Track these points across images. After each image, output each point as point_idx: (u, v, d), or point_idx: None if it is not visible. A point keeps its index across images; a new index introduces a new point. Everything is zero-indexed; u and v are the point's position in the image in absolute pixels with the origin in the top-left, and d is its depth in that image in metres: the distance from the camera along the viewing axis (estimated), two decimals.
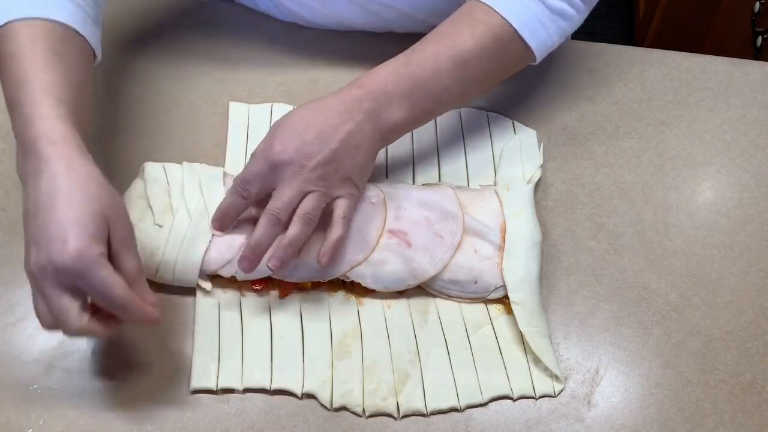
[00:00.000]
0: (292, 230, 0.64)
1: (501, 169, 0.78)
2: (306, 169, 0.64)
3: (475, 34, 0.71)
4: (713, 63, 0.91)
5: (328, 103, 0.67)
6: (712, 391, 0.66)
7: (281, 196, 0.64)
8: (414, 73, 0.69)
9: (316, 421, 0.63)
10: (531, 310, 0.68)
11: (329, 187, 0.65)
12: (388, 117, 0.69)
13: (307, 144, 0.65)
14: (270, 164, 0.65)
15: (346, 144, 0.66)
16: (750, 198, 0.79)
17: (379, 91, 0.68)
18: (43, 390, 0.63)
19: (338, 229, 0.65)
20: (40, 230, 0.55)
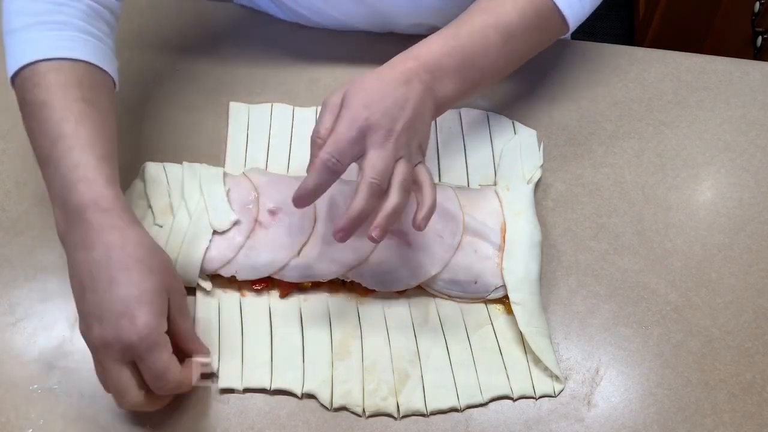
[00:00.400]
0: (394, 199, 0.62)
1: (501, 169, 0.78)
2: (395, 134, 0.63)
3: (518, 6, 0.71)
4: (713, 63, 0.91)
5: (389, 74, 0.66)
6: (712, 391, 0.66)
7: (378, 164, 0.62)
8: (465, 45, 0.69)
9: (316, 421, 0.63)
10: (531, 310, 0.68)
11: (411, 153, 0.64)
12: (442, 90, 0.68)
13: (389, 108, 0.63)
14: (360, 130, 0.62)
15: (417, 111, 0.65)
16: (750, 198, 0.79)
17: (433, 64, 0.67)
18: (43, 390, 0.63)
19: (429, 194, 0.64)
20: (103, 306, 0.56)
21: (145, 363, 0.56)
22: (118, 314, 0.55)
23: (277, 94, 0.84)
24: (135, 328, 0.55)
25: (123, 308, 0.55)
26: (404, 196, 0.63)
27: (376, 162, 0.62)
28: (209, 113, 0.81)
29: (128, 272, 0.56)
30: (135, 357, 0.56)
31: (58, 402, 0.62)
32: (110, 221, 0.58)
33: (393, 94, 0.64)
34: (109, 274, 0.56)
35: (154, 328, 0.56)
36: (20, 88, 0.64)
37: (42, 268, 0.69)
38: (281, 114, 0.81)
